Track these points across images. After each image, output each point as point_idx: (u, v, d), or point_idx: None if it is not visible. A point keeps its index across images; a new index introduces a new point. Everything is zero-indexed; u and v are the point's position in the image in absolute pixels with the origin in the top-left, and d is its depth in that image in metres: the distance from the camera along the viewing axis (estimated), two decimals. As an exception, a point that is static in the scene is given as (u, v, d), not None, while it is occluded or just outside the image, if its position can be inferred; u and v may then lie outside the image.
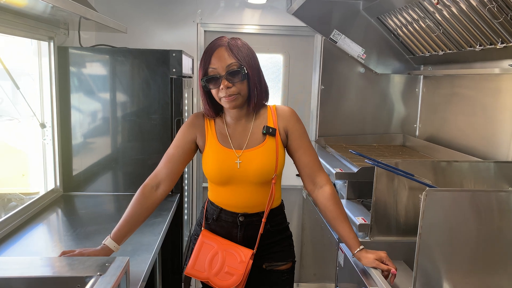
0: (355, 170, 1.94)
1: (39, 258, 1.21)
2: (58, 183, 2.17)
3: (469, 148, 2.24)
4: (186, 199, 2.65)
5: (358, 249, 1.38)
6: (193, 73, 2.86)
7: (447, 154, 2.33)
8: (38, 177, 2.22)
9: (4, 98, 3.89)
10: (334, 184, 2.15)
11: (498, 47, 1.81)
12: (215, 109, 1.45)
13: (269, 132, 1.42)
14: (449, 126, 2.47)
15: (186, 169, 2.50)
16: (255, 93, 1.39)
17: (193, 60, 2.80)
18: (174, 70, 2.17)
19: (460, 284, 1.22)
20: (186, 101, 2.49)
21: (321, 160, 2.28)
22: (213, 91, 1.37)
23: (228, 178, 1.42)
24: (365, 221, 1.67)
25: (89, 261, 1.13)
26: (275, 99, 3.18)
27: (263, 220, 1.44)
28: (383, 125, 2.97)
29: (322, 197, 1.45)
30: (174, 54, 2.15)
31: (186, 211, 2.66)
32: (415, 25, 2.30)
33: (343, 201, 1.93)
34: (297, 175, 1.57)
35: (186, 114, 2.49)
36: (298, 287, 2.89)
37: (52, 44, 2.04)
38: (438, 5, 1.92)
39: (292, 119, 1.46)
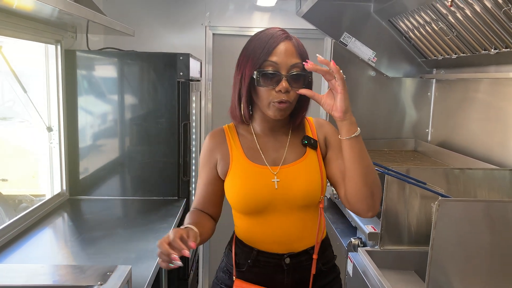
0: (365, 176, 1.89)
1: (40, 266, 1.19)
2: (64, 187, 2.15)
3: (484, 154, 2.18)
4: (193, 204, 2.63)
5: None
6: (201, 76, 2.84)
7: (461, 160, 2.27)
8: (46, 179, 2.22)
9: (16, 101, 3.93)
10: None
11: (514, 50, 1.75)
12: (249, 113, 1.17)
13: (310, 143, 1.17)
14: (462, 131, 2.41)
15: (193, 172, 2.48)
16: (307, 105, 1.17)
17: (201, 63, 2.78)
18: (181, 73, 2.15)
19: (474, 298, 1.18)
20: (194, 105, 2.47)
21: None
22: (264, 90, 1.08)
23: (264, 204, 1.12)
24: (375, 229, 1.63)
25: (90, 270, 1.11)
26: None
27: (314, 257, 1.16)
28: (394, 129, 2.91)
29: None
30: (181, 58, 2.13)
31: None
32: (427, 27, 2.25)
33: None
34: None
35: (193, 117, 2.47)
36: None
37: (59, 47, 2.04)
38: (451, 7, 1.87)
39: (331, 127, 1.24)
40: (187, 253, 0.92)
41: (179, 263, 0.92)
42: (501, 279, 1.19)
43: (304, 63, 1.04)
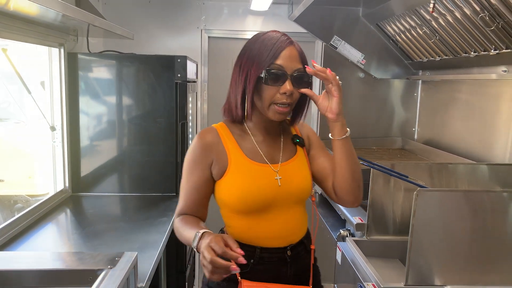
0: (354, 172, 2.01)
1: (51, 253, 1.28)
2: (67, 184, 2.24)
3: (467, 151, 2.30)
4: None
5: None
6: (197, 78, 2.94)
7: (445, 157, 2.39)
8: (45, 179, 2.30)
9: (11, 102, 3.98)
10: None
11: (491, 53, 1.88)
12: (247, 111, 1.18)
13: (301, 141, 1.26)
14: (447, 130, 2.53)
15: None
16: (305, 108, 1.22)
17: (197, 65, 2.88)
18: (179, 75, 2.24)
19: (450, 280, 1.29)
20: (190, 105, 2.57)
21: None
22: (268, 91, 1.11)
23: (268, 202, 1.15)
24: (362, 220, 1.74)
25: (100, 256, 1.20)
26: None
27: (312, 247, 1.25)
28: (383, 128, 3.03)
29: None
30: (179, 60, 2.23)
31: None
32: (412, 32, 2.37)
33: (342, 202, 1.99)
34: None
35: (190, 117, 2.56)
36: (299, 287, 2.95)
37: (62, 50, 2.13)
38: (433, 13, 1.99)
39: (310, 127, 1.34)
40: (244, 260, 0.92)
41: (238, 269, 0.91)
42: (477, 263, 1.30)
43: (306, 66, 1.12)
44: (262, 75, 1.10)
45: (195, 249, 1.00)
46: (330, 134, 1.17)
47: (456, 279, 1.29)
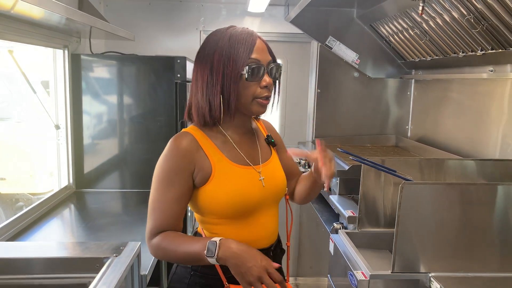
0: (346, 167, 2.09)
1: (57, 243, 1.36)
2: (71, 181, 2.32)
3: (458, 148, 2.37)
4: (189, 197, 2.80)
5: None
6: (196, 78, 3.01)
7: (437, 154, 2.46)
8: (46, 177, 2.37)
9: (12, 101, 4.04)
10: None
11: (478, 54, 1.96)
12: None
13: (274, 141, 1.28)
14: (439, 127, 2.61)
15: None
16: (278, 99, 1.20)
17: (196, 65, 2.96)
18: (178, 75, 2.33)
19: (434, 267, 1.37)
20: (189, 104, 2.65)
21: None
22: (251, 86, 1.09)
23: (255, 204, 1.14)
24: (353, 213, 1.82)
25: (105, 245, 1.28)
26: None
27: (288, 244, 1.27)
28: (377, 126, 3.10)
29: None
30: (178, 61, 2.31)
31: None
32: (405, 33, 2.45)
33: (335, 197, 2.08)
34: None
35: (189, 116, 2.64)
36: (296, 281, 3.03)
37: (66, 52, 2.21)
38: (423, 16, 2.07)
39: (273, 126, 1.38)
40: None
41: None
42: (459, 251, 1.38)
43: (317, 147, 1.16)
44: (243, 72, 1.07)
45: (213, 260, 0.99)
46: (304, 173, 1.29)
47: (439, 266, 1.37)
